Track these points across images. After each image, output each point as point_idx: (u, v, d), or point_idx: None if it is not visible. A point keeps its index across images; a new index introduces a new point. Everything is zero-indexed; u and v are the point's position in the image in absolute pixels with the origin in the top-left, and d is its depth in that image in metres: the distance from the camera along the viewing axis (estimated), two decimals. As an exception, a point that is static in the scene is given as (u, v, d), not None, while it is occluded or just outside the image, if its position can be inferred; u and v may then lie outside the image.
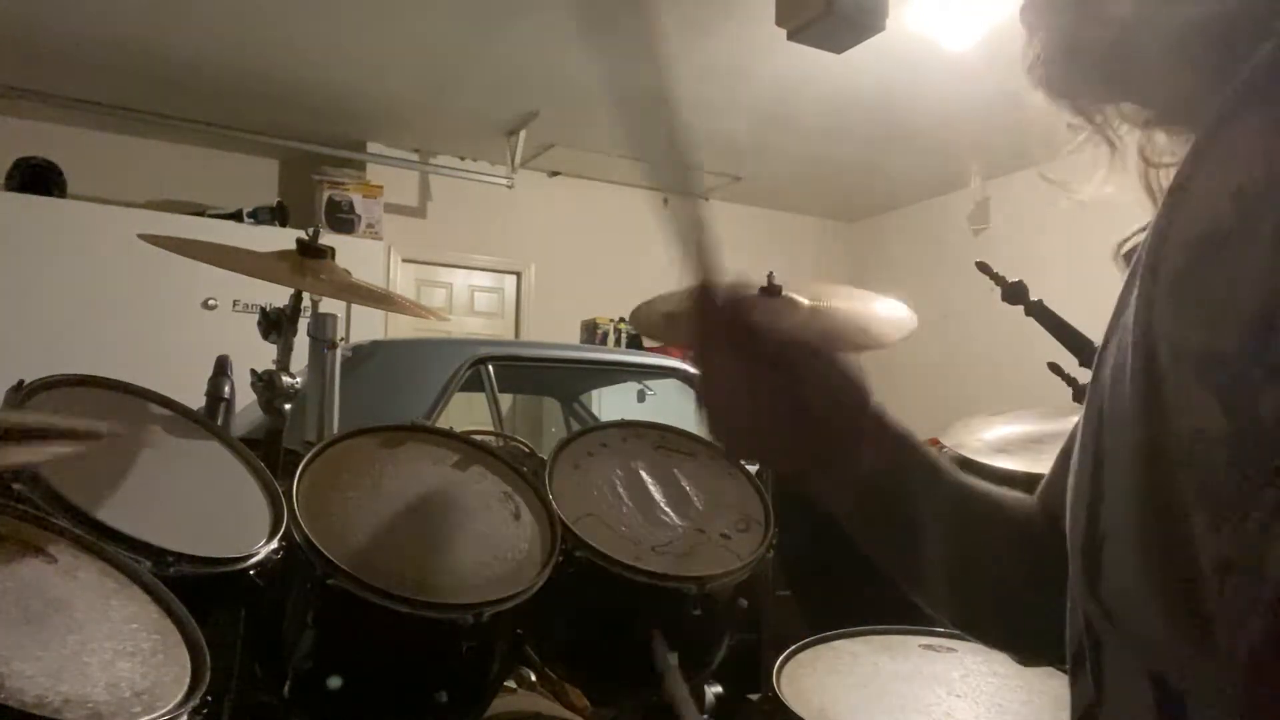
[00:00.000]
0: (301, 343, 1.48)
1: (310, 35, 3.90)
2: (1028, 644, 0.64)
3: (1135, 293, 0.39)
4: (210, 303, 4.18)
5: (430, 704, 1.10)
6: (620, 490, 1.39)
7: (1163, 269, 0.37)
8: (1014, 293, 1.81)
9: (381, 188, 4.92)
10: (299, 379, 1.41)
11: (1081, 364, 1.60)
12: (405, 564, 1.13)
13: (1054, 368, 1.81)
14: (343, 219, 4.74)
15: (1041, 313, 1.78)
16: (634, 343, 4.91)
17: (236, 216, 4.56)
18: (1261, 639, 0.32)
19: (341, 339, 1.63)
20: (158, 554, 0.97)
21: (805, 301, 1.72)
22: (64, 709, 0.70)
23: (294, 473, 1.18)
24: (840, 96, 4.40)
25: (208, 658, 0.85)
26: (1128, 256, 0.49)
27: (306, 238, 1.45)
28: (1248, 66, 0.37)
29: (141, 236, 1.36)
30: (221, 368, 1.59)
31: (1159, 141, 0.51)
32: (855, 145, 5.05)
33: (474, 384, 2.75)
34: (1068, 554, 0.46)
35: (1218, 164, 0.37)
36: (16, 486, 0.94)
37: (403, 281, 5.25)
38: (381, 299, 1.62)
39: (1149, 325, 0.37)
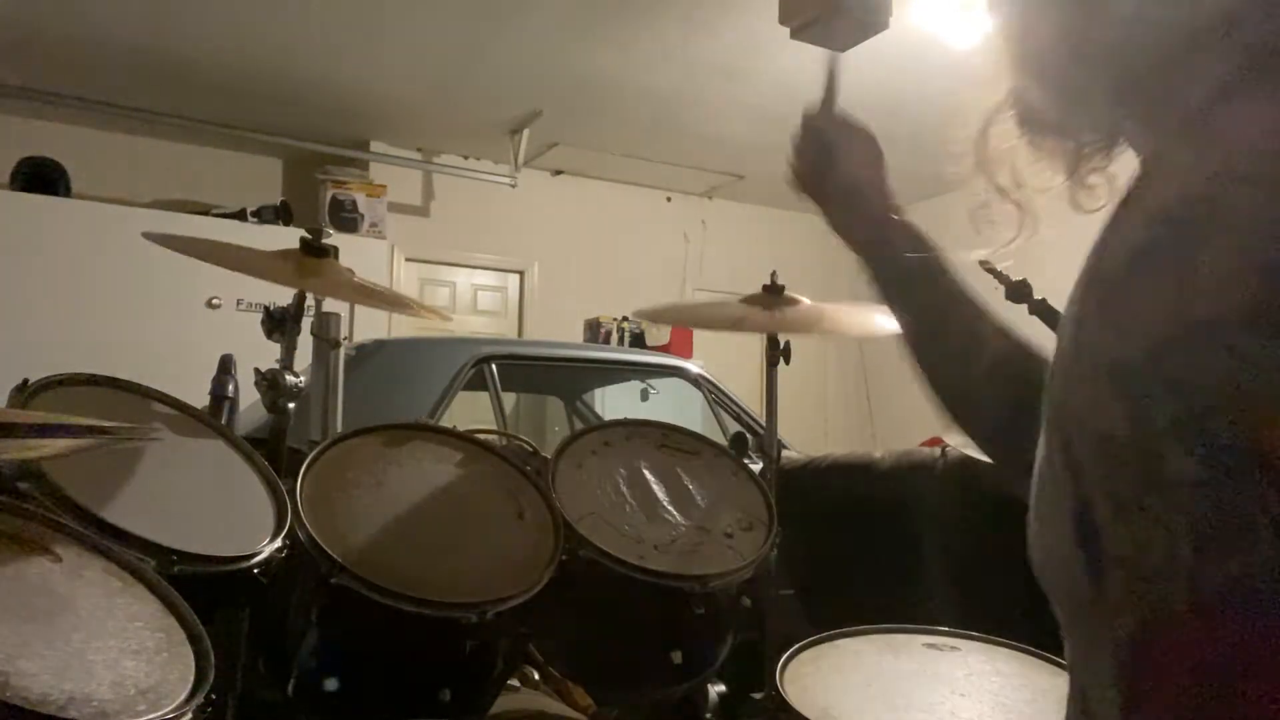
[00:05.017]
0: (305, 342, 1.48)
1: (314, 35, 3.90)
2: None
3: (1079, 295, 0.40)
4: (214, 302, 4.18)
5: (434, 702, 1.10)
6: (623, 489, 1.40)
7: (1101, 277, 0.39)
8: (1018, 292, 1.81)
9: (385, 187, 4.92)
10: (302, 378, 1.41)
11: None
12: (409, 563, 1.13)
13: (1058, 366, 1.81)
14: (346, 218, 4.75)
15: (1046, 312, 1.78)
16: (637, 342, 4.91)
17: (240, 216, 4.56)
18: (1138, 628, 0.34)
19: (345, 338, 1.63)
20: (162, 552, 0.97)
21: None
22: (69, 707, 0.70)
23: (298, 471, 1.18)
24: (843, 95, 4.39)
25: (212, 656, 0.85)
26: None
27: (309, 236, 1.45)
28: (1202, 88, 0.38)
29: (146, 235, 1.36)
30: (225, 367, 1.59)
31: (1084, 194, 0.53)
32: (859, 144, 5.04)
33: (477, 383, 2.75)
34: None
35: (1159, 184, 0.38)
36: (22, 485, 0.95)
37: (406, 280, 5.25)
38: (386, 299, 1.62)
39: (1078, 330, 0.39)
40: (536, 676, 1.45)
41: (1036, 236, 0.60)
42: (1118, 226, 0.39)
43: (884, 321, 1.79)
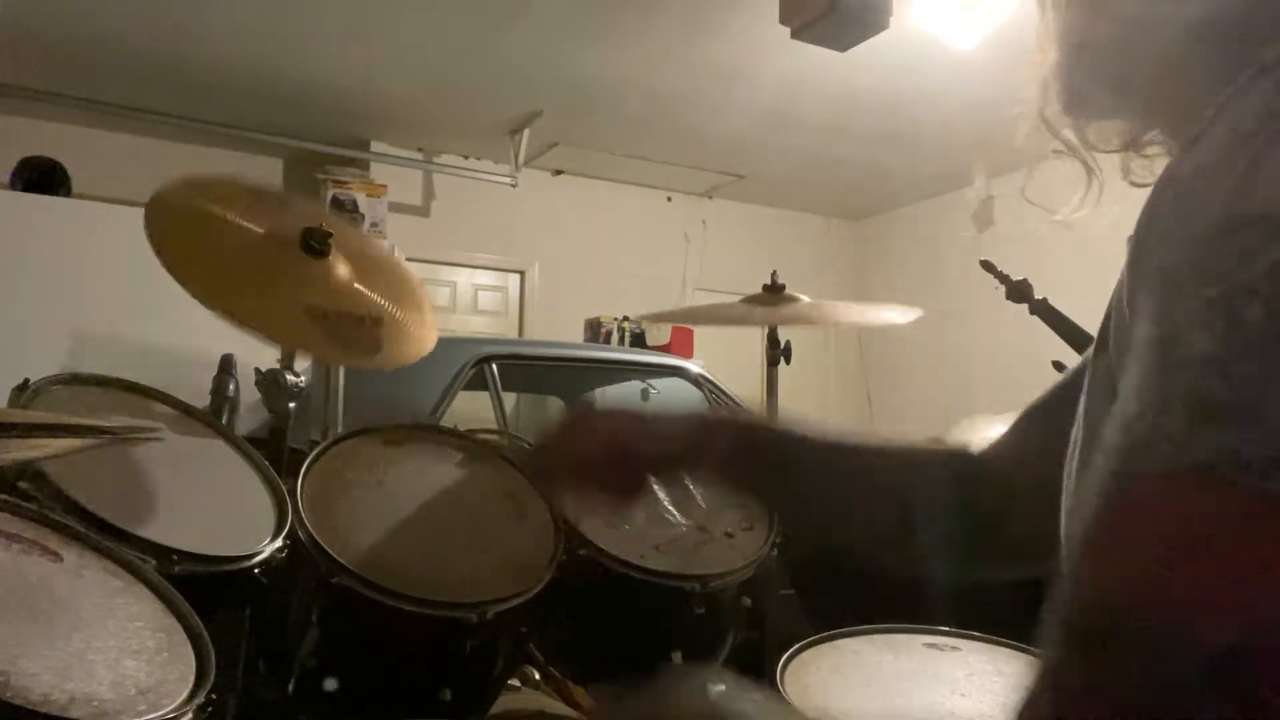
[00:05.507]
0: (305, 341, 1.48)
1: (314, 35, 3.90)
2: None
3: (1141, 225, 0.40)
4: (215, 302, 4.19)
5: (434, 702, 1.10)
6: (624, 489, 1.39)
7: (1162, 204, 0.39)
8: (1019, 291, 1.81)
9: (385, 187, 4.92)
10: (303, 378, 1.41)
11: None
12: (409, 563, 1.13)
13: (1058, 366, 1.81)
14: (347, 218, 4.75)
15: (1046, 311, 1.78)
16: (637, 341, 4.91)
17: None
18: (1109, 492, 0.34)
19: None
20: (163, 552, 0.97)
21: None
22: (70, 707, 0.70)
23: (298, 471, 1.18)
24: (844, 95, 4.39)
25: (212, 655, 0.85)
26: None
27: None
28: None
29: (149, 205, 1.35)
30: (226, 366, 1.60)
31: (1138, 165, 0.53)
32: (859, 144, 5.04)
33: (478, 383, 2.75)
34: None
35: (1224, 118, 0.38)
36: (22, 485, 0.95)
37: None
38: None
39: (1139, 250, 0.39)
40: (536, 676, 1.45)
41: (1048, 227, 0.60)
42: (1188, 155, 0.39)
43: (884, 318, 1.79)
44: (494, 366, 2.78)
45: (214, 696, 0.82)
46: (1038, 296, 1.79)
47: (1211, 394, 0.31)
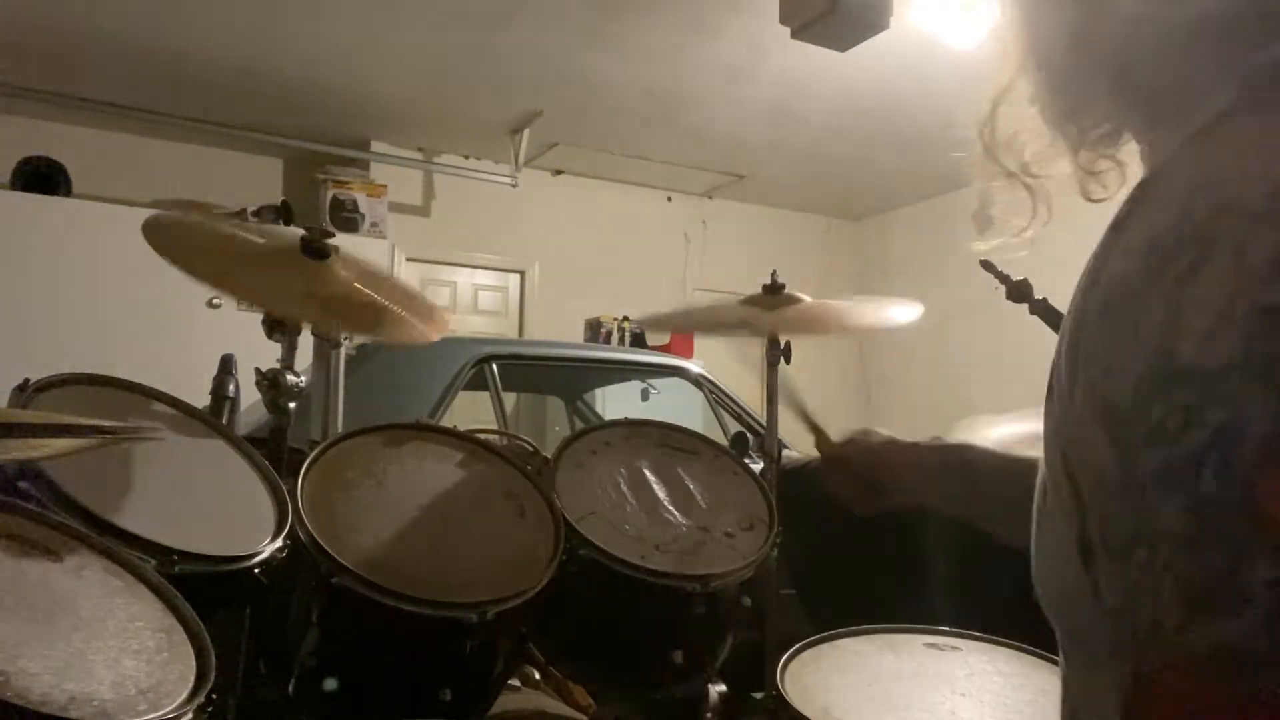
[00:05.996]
0: (306, 341, 1.48)
1: (314, 34, 3.90)
2: None
3: (1073, 321, 0.39)
4: (214, 302, 4.18)
5: (434, 702, 1.10)
6: (624, 489, 1.39)
7: (1095, 305, 0.37)
8: (1018, 291, 1.81)
9: (385, 187, 4.92)
10: (303, 378, 1.41)
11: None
12: (409, 562, 1.13)
13: (1058, 366, 1.80)
14: (347, 218, 4.74)
15: (1046, 311, 1.78)
16: (638, 341, 4.91)
17: (240, 216, 4.56)
18: (1133, 680, 0.34)
19: (345, 338, 1.63)
20: (163, 552, 0.97)
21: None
22: (70, 706, 0.70)
23: (299, 471, 1.18)
24: (844, 95, 4.39)
25: (213, 655, 0.85)
26: None
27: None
28: (1204, 110, 0.37)
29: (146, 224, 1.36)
30: (226, 366, 1.60)
31: (1108, 179, 0.52)
32: (859, 143, 5.04)
33: (478, 383, 2.75)
34: None
35: (1149, 210, 0.37)
36: (23, 485, 0.95)
37: (407, 281, 5.25)
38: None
39: (1074, 356, 0.38)
40: (537, 676, 1.45)
41: (1048, 226, 0.59)
42: (1113, 249, 0.38)
43: (885, 319, 1.79)
44: (494, 366, 2.78)
45: (214, 696, 0.82)
46: (1038, 296, 1.78)
47: (1196, 581, 0.30)
